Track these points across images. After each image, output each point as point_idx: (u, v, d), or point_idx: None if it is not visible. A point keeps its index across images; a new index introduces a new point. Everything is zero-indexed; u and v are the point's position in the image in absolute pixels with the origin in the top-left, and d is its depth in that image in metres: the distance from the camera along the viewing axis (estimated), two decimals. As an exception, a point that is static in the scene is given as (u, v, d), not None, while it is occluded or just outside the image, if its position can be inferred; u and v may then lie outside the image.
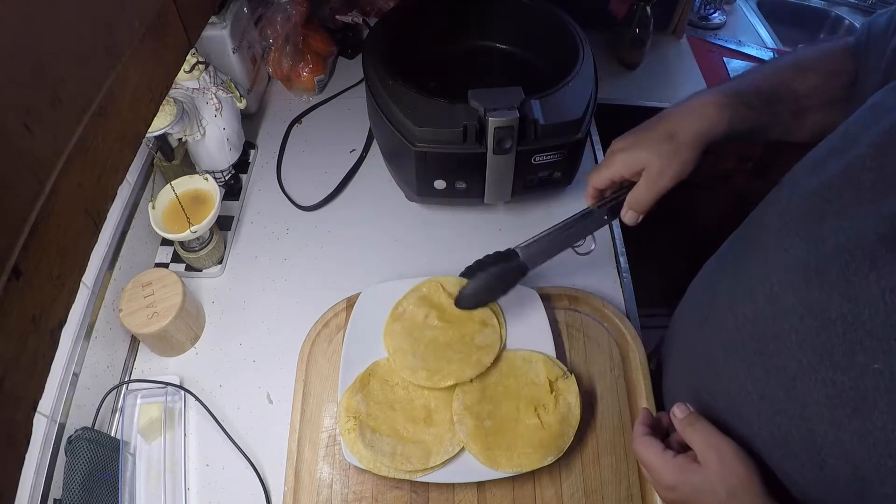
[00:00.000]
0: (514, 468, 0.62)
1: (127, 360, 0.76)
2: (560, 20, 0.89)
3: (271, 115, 1.05)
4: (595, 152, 0.99)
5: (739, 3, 1.41)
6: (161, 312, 0.70)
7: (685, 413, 0.54)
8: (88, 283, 0.73)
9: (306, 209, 0.91)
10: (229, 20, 0.89)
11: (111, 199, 0.39)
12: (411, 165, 0.79)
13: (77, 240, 0.35)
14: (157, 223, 0.75)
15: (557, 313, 0.77)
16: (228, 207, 0.90)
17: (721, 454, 0.49)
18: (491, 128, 0.72)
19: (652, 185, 0.58)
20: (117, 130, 0.39)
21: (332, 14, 1.12)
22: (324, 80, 1.08)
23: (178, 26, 0.47)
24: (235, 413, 0.72)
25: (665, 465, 0.52)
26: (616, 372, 0.72)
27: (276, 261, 0.86)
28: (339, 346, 0.72)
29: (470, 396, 0.66)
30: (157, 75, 0.44)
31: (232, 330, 0.79)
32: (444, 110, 0.75)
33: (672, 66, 1.23)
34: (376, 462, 0.63)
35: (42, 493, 0.59)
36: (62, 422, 0.64)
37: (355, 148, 0.99)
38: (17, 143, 0.29)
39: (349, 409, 0.66)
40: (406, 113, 0.75)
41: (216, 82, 0.83)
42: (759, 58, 1.25)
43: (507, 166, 0.77)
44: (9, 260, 0.28)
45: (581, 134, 0.78)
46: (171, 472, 0.67)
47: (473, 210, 0.91)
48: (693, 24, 1.32)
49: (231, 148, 0.89)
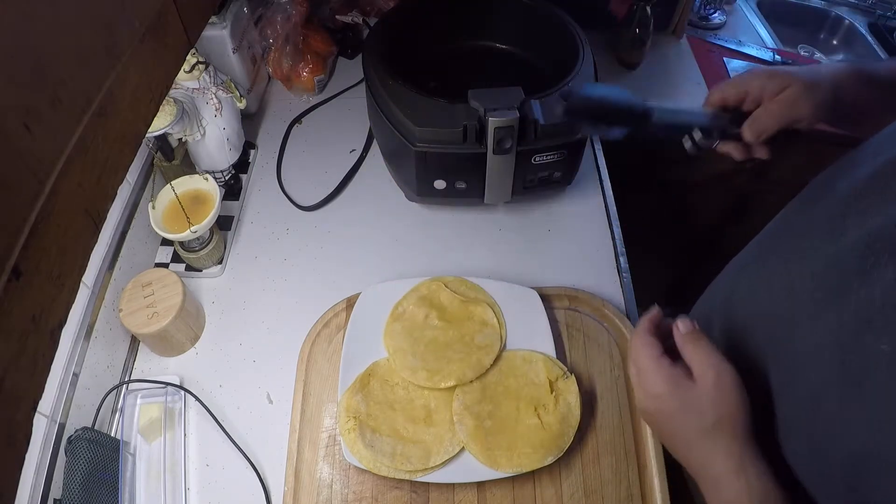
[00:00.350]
0: (514, 468, 0.62)
1: (127, 360, 0.76)
2: (560, 20, 0.89)
3: (271, 115, 1.05)
4: (595, 152, 0.99)
5: (739, 3, 1.41)
6: (161, 312, 0.70)
7: (689, 328, 0.49)
8: (88, 283, 0.73)
9: (306, 209, 0.91)
10: (229, 20, 0.89)
11: (111, 199, 0.39)
12: (411, 165, 0.79)
13: (77, 240, 0.35)
14: (157, 223, 0.75)
15: (557, 313, 0.77)
16: (228, 207, 0.90)
17: (720, 377, 0.46)
18: (491, 128, 0.72)
19: (785, 108, 0.55)
20: (117, 130, 0.39)
21: (332, 14, 1.12)
22: (324, 80, 1.08)
23: (178, 26, 0.47)
24: (235, 413, 0.72)
25: (658, 370, 0.48)
26: (616, 372, 0.72)
27: (276, 261, 0.86)
28: (339, 346, 0.72)
29: (470, 396, 0.66)
30: (157, 75, 0.44)
31: (232, 330, 0.79)
32: (444, 110, 0.75)
33: (672, 66, 1.23)
34: (376, 462, 0.63)
35: (42, 493, 0.59)
36: (62, 422, 0.64)
37: (355, 148, 0.99)
38: (17, 143, 0.29)
39: (349, 409, 0.66)
40: (406, 113, 0.75)
41: (216, 82, 0.83)
42: (759, 58, 1.25)
43: (507, 166, 0.77)
44: (9, 260, 0.28)
45: (581, 134, 0.78)
46: (171, 472, 0.67)
47: (473, 210, 0.91)
48: (693, 24, 1.32)
49: (231, 148, 0.89)
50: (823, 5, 1.48)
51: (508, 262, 0.85)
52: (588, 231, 0.89)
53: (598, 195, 0.93)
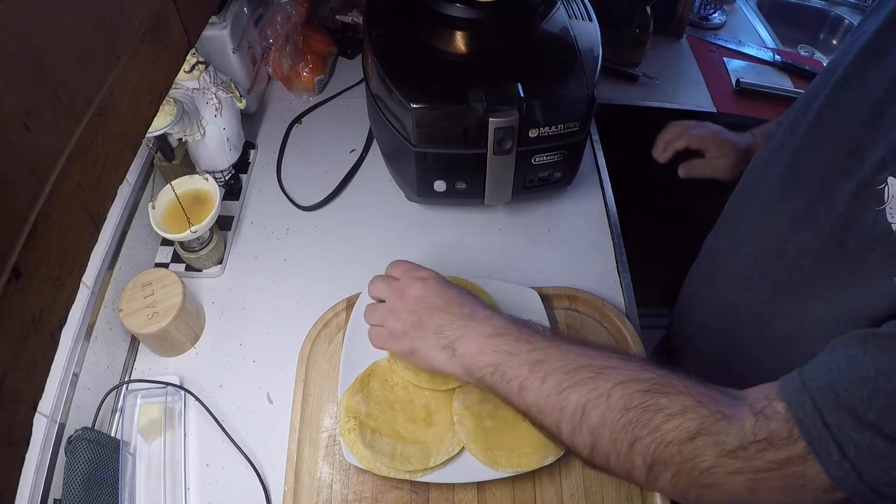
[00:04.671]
0: (514, 468, 0.62)
1: (127, 361, 0.76)
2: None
3: (271, 115, 1.05)
4: (595, 152, 0.99)
5: (739, 3, 1.41)
6: (161, 312, 0.70)
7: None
8: (88, 283, 0.73)
9: (306, 209, 0.91)
10: (229, 20, 0.89)
11: (111, 199, 0.39)
12: (411, 166, 0.79)
13: (77, 240, 0.35)
14: (157, 223, 0.75)
15: (557, 313, 0.77)
16: (228, 207, 0.90)
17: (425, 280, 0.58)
18: (491, 128, 0.72)
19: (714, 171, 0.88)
20: (117, 130, 0.39)
21: (332, 14, 1.12)
22: (324, 80, 1.08)
23: (178, 26, 0.47)
24: (235, 413, 0.72)
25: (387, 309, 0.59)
26: (616, 372, 0.72)
27: (276, 261, 0.86)
28: (339, 346, 0.72)
29: (470, 396, 0.66)
30: (157, 75, 0.44)
31: (232, 330, 0.79)
32: (443, 110, 0.75)
33: (672, 66, 1.23)
34: (376, 462, 0.63)
35: (42, 493, 0.60)
36: (62, 422, 0.64)
37: (355, 148, 0.99)
38: (17, 143, 0.29)
39: (349, 410, 0.66)
40: (406, 112, 0.75)
41: (216, 82, 0.83)
42: (759, 58, 1.25)
43: (507, 166, 0.77)
44: (9, 260, 0.28)
45: (581, 134, 0.78)
46: (171, 472, 0.67)
47: (473, 210, 0.91)
48: (693, 24, 1.32)
49: (231, 148, 0.89)
50: (823, 5, 1.48)
51: (508, 262, 0.85)
52: (588, 231, 0.89)
53: (598, 195, 0.93)
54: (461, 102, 0.74)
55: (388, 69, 0.76)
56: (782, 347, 0.59)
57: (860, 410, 0.37)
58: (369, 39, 0.80)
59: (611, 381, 0.46)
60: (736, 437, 0.41)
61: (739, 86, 1.16)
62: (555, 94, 0.76)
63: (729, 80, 1.20)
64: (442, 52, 0.80)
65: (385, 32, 0.81)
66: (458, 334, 0.54)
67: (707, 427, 0.42)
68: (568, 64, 0.79)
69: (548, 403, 0.48)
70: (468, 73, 0.78)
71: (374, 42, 0.80)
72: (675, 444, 0.42)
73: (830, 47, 1.47)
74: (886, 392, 0.36)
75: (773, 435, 0.40)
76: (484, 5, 0.75)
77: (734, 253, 0.66)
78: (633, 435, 0.44)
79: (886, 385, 0.37)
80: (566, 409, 0.47)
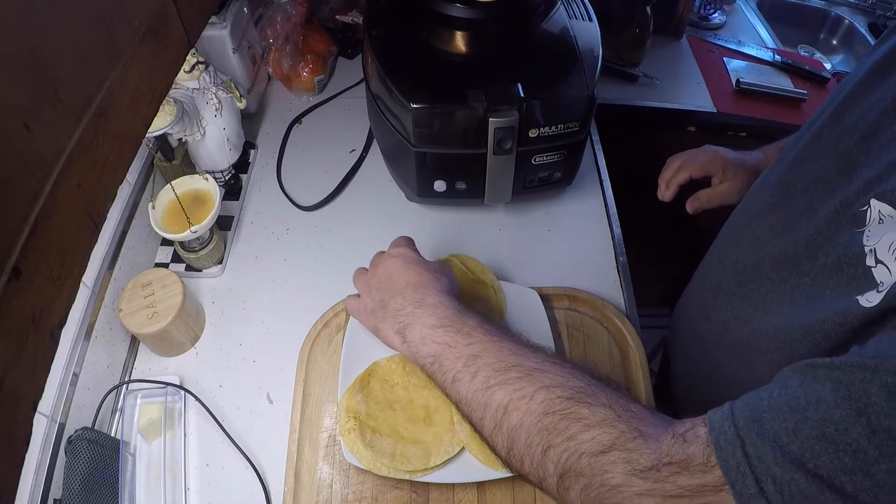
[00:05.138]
0: (514, 468, 0.62)
1: (127, 360, 0.76)
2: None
3: (271, 115, 1.05)
4: (595, 152, 0.99)
5: (739, 3, 1.41)
6: (161, 312, 0.70)
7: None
8: (88, 283, 0.73)
9: (306, 209, 0.91)
10: (229, 20, 0.89)
11: (111, 199, 0.39)
12: (411, 166, 0.79)
13: (77, 240, 0.35)
14: (157, 223, 0.75)
15: (557, 313, 0.77)
16: (228, 207, 0.90)
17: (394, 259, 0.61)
18: (491, 128, 0.72)
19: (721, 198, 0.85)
20: (117, 130, 0.39)
21: (332, 14, 1.12)
22: (324, 80, 1.08)
23: (178, 26, 0.47)
24: (235, 413, 0.72)
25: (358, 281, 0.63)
26: (616, 372, 0.72)
27: (276, 261, 0.86)
28: (339, 346, 0.72)
29: (470, 396, 0.66)
30: (157, 75, 0.44)
31: (232, 330, 0.79)
32: (443, 110, 0.75)
33: (672, 66, 1.23)
34: (376, 462, 0.63)
35: (42, 493, 0.59)
36: (62, 422, 0.64)
37: (355, 148, 0.99)
38: (17, 143, 0.29)
39: (349, 410, 0.66)
40: (405, 112, 0.75)
41: (216, 82, 0.83)
42: (759, 58, 1.25)
43: (507, 166, 0.77)
44: (9, 260, 0.28)
45: (581, 134, 0.78)
46: (171, 472, 0.67)
47: (473, 210, 0.91)
48: (693, 24, 1.32)
49: (231, 148, 0.89)
50: (823, 5, 1.48)
51: (508, 263, 0.85)
52: (588, 231, 0.89)
53: (598, 195, 0.94)
54: (461, 102, 0.74)
55: (388, 69, 0.76)
56: (741, 357, 0.59)
57: (784, 441, 0.35)
58: (369, 39, 0.80)
59: (537, 383, 0.46)
60: (649, 457, 0.39)
61: (739, 86, 1.16)
62: (555, 94, 0.76)
63: (729, 80, 1.20)
64: (442, 52, 0.80)
65: (385, 32, 0.82)
66: (407, 321, 0.55)
67: (622, 443, 0.40)
68: (568, 64, 0.79)
69: (475, 398, 0.48)
70: (468, 73, 0.78)
71: (374, 42, 0.80)
72: (587, 455, 0.41)
73: (830, 47, 1.47)
74: (814, 423, 0.34)
75: (689, 459, 0.38)
76: (484, 5, 0.75)
77: (720, 261, 0.67)
78: (548, 441, 0.43)
79: (815, 415, 0.34)
80: (490, 406, 0.47)
